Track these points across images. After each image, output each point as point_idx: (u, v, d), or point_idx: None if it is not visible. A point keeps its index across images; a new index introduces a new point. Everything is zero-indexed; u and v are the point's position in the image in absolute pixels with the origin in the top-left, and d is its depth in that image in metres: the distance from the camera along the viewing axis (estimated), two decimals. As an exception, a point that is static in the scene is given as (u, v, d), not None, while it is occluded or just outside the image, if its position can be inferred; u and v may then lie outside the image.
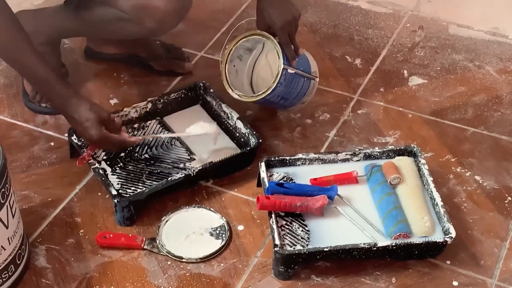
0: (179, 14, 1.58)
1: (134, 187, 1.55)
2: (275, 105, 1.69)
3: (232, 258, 1.44)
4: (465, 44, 2.04)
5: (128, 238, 1.46)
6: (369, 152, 1.59)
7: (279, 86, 1.59)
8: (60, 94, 1.47)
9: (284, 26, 1.58)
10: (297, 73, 1.62)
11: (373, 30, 2.09)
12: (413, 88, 1.88)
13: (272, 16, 1.58)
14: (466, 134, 1.75)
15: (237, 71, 1.70)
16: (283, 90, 1.61)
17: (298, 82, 1.64)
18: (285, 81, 1.60)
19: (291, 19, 1.59)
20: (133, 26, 1.58)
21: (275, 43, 1.59)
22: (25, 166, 1.63)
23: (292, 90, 1.64)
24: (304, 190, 1.49)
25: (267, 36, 1.60)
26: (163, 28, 1.59)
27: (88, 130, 1.47)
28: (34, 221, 1.50)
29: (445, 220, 1.42)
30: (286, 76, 1.59)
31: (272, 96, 1.61)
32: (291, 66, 1.60)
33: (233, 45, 1.65)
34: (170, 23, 1.58)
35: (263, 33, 1.61)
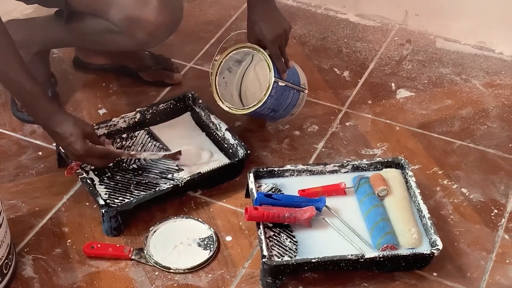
0: (170, 27, 1.58)
1: (121, 197, 1.55)
2: (265, 117, 1.70)
3: (220, 269, 1.44)
4: (452, 57, 2.06)
5: (116, 248, 1.45)
6: (357, 164, 1.60)
7: (270, 99, 1.60)
8: (45, 109, 1.46)
9: (275, 40, 1.59)
10: (287, 85, 1.63)
11: (361, 43, 2.10)
12: (400, 101, 1.90)
13: (263, 29, 1.59)
14: (453, 147, 1.76)
15: (227, 83, 1.71)
16: (273, 102, 1.62)
17: (288, 95, 1.65)
18: (275, 93, 1.60)
19: (282, 33, 1.60)
20: (124, 39, 1.58)
21: (266, 56, 1.60)
22: (12, 176, 1.63)
23: (282, 102, 1.64)
24: (292, 201, 1.49)
25: (258, 49, 1.61)
26: (153, 41, 1.60)
27: (73, 144, 1.46)
28: (21, 231, 1.50)
29: (432, 232, 1.43)
30: (277, 89, 1.60)
31: (263, 108, 1.62)
32: (281, 79, 1.61)
33: (223, 57, 1.65)
34: (161, 36, 1.58)
35: (253, 46, 1.62)
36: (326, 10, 2.24)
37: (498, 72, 2.01)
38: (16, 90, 1.48)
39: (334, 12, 2.23)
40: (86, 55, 1.91)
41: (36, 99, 1.45)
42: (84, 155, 1.48)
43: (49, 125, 1.47)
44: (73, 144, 1.46)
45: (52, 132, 1.48)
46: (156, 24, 1.53)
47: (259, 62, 1.66)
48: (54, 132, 1.48)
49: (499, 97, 1.92)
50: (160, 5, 1.51)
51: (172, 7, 1.56)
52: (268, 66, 1.59)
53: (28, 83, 1.44)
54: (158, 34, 1.57)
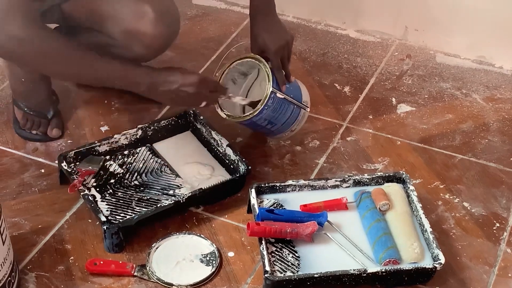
0: (167, 39, 1.59)
1: (123, 214, 1.55)
2: (263, 130, 1.70)
3: (223, 284, 1.44)
4: (452, 72, 2.07)
5: (118, 265, 1.45)
6: (358, 179, 1.60)
7: (266, 109, 1.60)
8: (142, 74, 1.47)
9: (278, 51, 1.60)
10: (286, 99, 1.63)
11: (361, 59, 2.11)
12: (401, 116, 1.90)
13: (266, 40, 1.60)
14: (454, 161, 1.76)
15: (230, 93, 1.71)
16: (270, 114, 1.62)
17: (287, 109, 1.65)
18: (273, 104, 1.60)
19: (284, 44, 1.61)
20: (121, 51, 1.59)
21: (267, 66, 1.61)
22: (15, 193, 1.63)
23: (280, 115, 1.64)
24: (294, 217, 1.49)
25: (259, 59, 1.62)
26: (151, 54, 1.60)
27: (188, 79, 1.48)
28: (24, 248, 1.50)
29: (434, 246, 1.43)
30: (274, 100, 1.60)
31: (259, 118, 1.62)
32: (280, 91, 1.61)
33: (227, 67, 1.66)
34: (158, 48, 1.59)
35: (256, 57, 1.63)
36: (326, 26, 2.25)
37: (498, 86, 2.02)
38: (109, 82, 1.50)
39: (334, 28, 2.24)
40: (88, 72, 1.92)
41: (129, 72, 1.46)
42: (200, 84, 1.49)
43: (156, 81, 1.48)
44: (188, 78, 1.48)
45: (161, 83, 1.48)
46: (153, 36, 1.54)
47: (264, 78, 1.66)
48: (164, 82, 1.48)
49: (500, 111, 1.93)
50: (157, 17, 1.52)
51: (169, 19, 1.57)
52: (268, 77, 1.60)
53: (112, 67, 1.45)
54: (155, 46, 1.57)
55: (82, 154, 1.66)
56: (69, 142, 1.78)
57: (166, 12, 1.55)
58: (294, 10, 2.28)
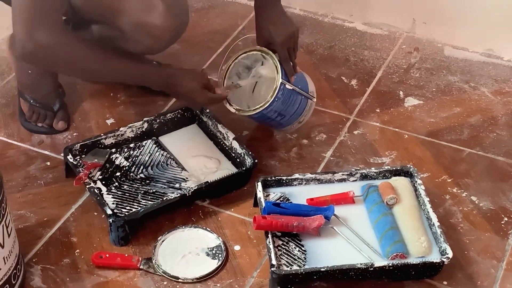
0: (176, 32, 1.58)
1: (129, 207, 1.54)
2: (272, 123, 1.69)
3: (229, 278, 1.44)
4: (460, 65, 2.06)
5: (124, 258, 1.45)
6: (365, 173, 1.59)
7: (277, 100, 1.59)
8: (157, 80, 1.59)
9: (284, 42, 1.59)
10: (294, 89, 1.62)
11: (369, 52, 2.10)
12: (409, 109, 1.89)
13: (272, 32, 1.60)
14: (462, 155, 1.75)
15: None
16: (280, 106, 1.61)
17: (296, 100, 1.64)
18: (282, 96, 1.60)
19: (291, 35, 1.61)
20: (130, 44, 1.58)
21: (274, 58, 1.60)
22: (21, 186, 1.63)
23: (289, 107, 1.64)
24: (301, 210, 1.48)
25: (266, 51, 1.61)
26: (160, 46, 1.60)
27: (196, 99, 1.60)
28: (30, 241, 1.50)
29: (442, 240, 1.42)
30: (284, 91, 1.60)
31: (269, 111, 1.61)
32: (289, 82, 1.61)
33: (233, 60, 1.65)
34: (168, 41, 1.59)
35: (262, 49, 1.62)
36: (333, 18, 2.24)
37: (507, 79, 2.00)
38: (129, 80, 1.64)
39: (341, 21, 2.23)
40: (95, 64, 1.92)
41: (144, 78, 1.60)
42: (207, 104, 1.68)
43: (168, 89, 1.61)
44: (197, 98, 1.59)
45: (174, 92, 1.63)
46: (163, 28, 1.53)
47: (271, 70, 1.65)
48: (176, 92, 1.61)
49: (508, 104, 1.91)
50: (166, 10, 1.51)
51: (178, 11, 1.56)
52: (276, 68, 1.59)
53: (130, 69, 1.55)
54: (164, 39, 1.57)
55: (88, 147, 1.66)
56: (75, 134, 1.78)
57: (175, 4, 1.54)
58: (300, 2, 2.27)
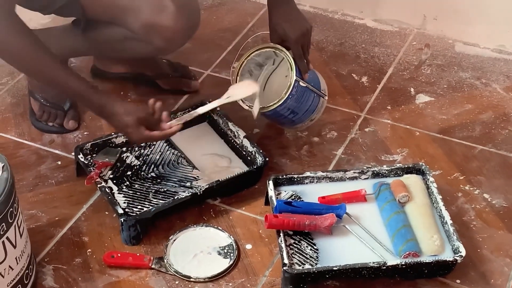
0: (187, 33, 1.58)
1: (140, 206, 1.54)
2: (284, 120, 1.68)
3: (241, 277, 1.44)
4: (471, 62, 2.04)
5: (136, 258, 1.45)
6: (377, 170, 1.58)
7: (290, 98, 1.59)
8: (95, 106, 1.50)
9: (298, 39, 1.59)
10: (308, 87, 1.62)
11: (379, 48, 2.09)
12: (420, 106, 1.88)
13: (285, 29, 1.59)
14: (474, 152, 1.74)
15: None
16: (293, 103, 1.61)
17: (309, 97, 1.64)
18: (296, 93, 1.59)
19: (304, 32, 1.60)
20: (142, 45, 1.58)
21: (288, 55, 1.60)
22: (32, 185, 1.63)
23: (302, 104, 1.63)
24: (313, 209, 1.48)
25: (280, 49, 1.61)
26: (171, 47, 1.60)
27: (131, 136, 1.50)
28: (41, 241, 1.50)
29: (455, 238, 1.41)
30: (298, 89, 1.59)
31: (283, 108, 1.60)
32: (303, 79, 1.60)
33: (245, 57, 1.65)
34: (179, 42, 1.58)
35: (276, 46, 1.62)
36: (343, 15, 2.23)
37: (519, 75, 1.99)
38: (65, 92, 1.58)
39: (352, 18, 2.22)
40: (104, 64, 1.92)
41: (83, 98, 1.49)
42: (144, 142, 1.60)
43: (104, 118, 1.54)
44: (131, 135, 1.50)
45: (110, 124, 1.55)
46: (174, 29, 1.53)
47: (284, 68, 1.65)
48: (111, 124, 1.54)
49: (520, 101, 1.90)
50: (177, 11, 1.51)
51: (189, 12, 1.56)
52: (290, 66, 1.59)
53: (73, 85, 1.47)
54: (175, 40, 1.56)
55: (99, 146, 1.66)
56: (86, 134, 1.78)
57: (186, 5, 1.54)
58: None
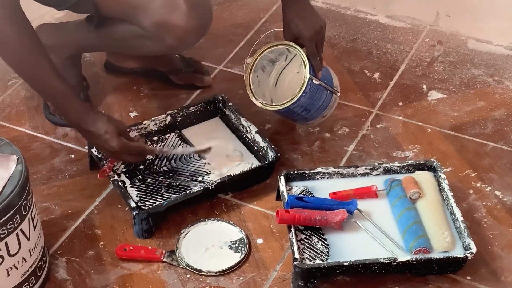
0: (199, 32, 1.58)
1: (152, 200, 1.55)
2: (296, 117, 1.69)
3: (251, 271, 1.44)
4: (484, 59, 2.04)
5: (148, 251, 1.46)
6: (388, 167, 1.58)
7: (304, 96, 1.59)
8: (77, 110, 1.48)
9: (312, 37, 1.59)
10: (321, 84, 1.62)
11: (392, 45, 2.09)
12: (432, 103, 1.88)
13: (300, 26, 1.59)
14: (486, 149, 1.74)
15: (260, 81, 1.70)
16: (307, 101, 1.61)
17: (321, 94, 1.64)
18: (310, 91, 1.60)
19: (319, 29, 1.60)
20: (153, 43, 1.59)
21: (302, 53, 1.60)
22: (45, 178, 1.64)
23: (315, 101, 1.64)
24: (324, 204, 1.48)
25: (294, 46, 1.61)
26: (183, 46, 1.60)
27: (108, 141, 1.48)
28: (55, 233, 1.51)
29: (466, 235, 1.41)
30: (311, 87, 1.60)
31: (296, 106, 1.61)
32: (316, 77, 1.60)
33: (259, 54, 1.65)
34: (190, 41, 1.59)
35: (289, 43, 1.62)
36: (356, 11, 2.23)
37: (532, 73, 1.99)
38: (47, 92, 1.50)
39: (364, 14, 2.22)
40: (117, 59, 1.93)
41: (67, 100, 1.47)
42: (120, 151, 1.49)
43: (82, 124, 1.49)
44: (109, 141, 1.47)
45: (86, 131, 1.50)
46: (186, 28, 1.53)
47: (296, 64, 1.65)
48: (88, 131, 1.49)
49: (533, 98, 1.90)
50: (190, 10, 1.51)
51: (201, 11, 1.56)
52: (304, 63, 1.59)
53: (59, 85, 1.45)
54: (187, 39, 1.57)
55: (112, 140, 1.67)
56: (99, 127, 1.79)
57: (198, 5, 1.54)
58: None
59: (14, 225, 1.25)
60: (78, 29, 1.74)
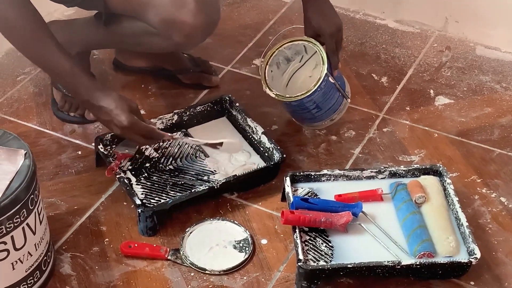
0: (207, 29, 1.58)
1: (158, 198, 1.56)
2: (307, 114, 1.68)
3: (255, 271, 1.45)
4: (492, 65, 2.04)
5: (152, 248, 1.46)
6: (394, 170, 1.59)
7: (319, 91, 1.60)
8: (87, 86, 1.47)
9: (333, 34, 1.61)
10: (335, 84, 1.63)
11: (400, 49, 2.09)
12: (439, 108, 1.88)
13: (321, 23, 1.61)
14: (492, 155, 1.74)
15: (273, 77, 1.71)
16: (320, 97, 1.62)
17: (334, 95, 1.65)
18: (324, 87, 1.61)
19: (339, 27, 1.63)
20: (161, 40, 1.59)
21: (321, 49, 1.61)
22: (52, 174, 1.65)
23: (327, 100, 1.64)
24: (329, 206, 1.48)
25: (314, 42, 1.62)
26: (190, 43, 1.60)
27: (118, 117, 1.45)
28: (60, 229, 1.52)
29: (470, 240, 1.41)
30: (327, 83, 1.61)
31: (309, 100, 1.61)
32: (332, 75, 1.61)
33: (277, 48, 1.67)
34: (198, 38, 1.59)
35: (309, 39, 1.63)
36: (365, 15, 2.23)
37: (539, 80, 1.99)
38: (56, 72, 1.49)
39: (373, 18, 2.22)
40: (126, 57, 1.93)
41: (75, 77, 1.46)
42: (129, 128, 1.46)
43: (92, 101, 1.47)
44: (119, 116, 1.45)
45: (96, 107, 1.48)
46: (193, 26, 1.53)
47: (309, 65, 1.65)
48: (98, 107, 1.47)
49: (540, 106, 1.90)
50: (197, 7, 1.52)
51: (209, 9, 1.57)
52: (322, 59, 1.60)
53: (67, 63, 1.45)
54: (195, 36, 1.57)
55: (119, 137, 1.67)
56: (106, 125, 1.79)
57: (207, 2, 1.55)
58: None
59: (20, 219, 1.26)
60: (87, 26, 1.75)
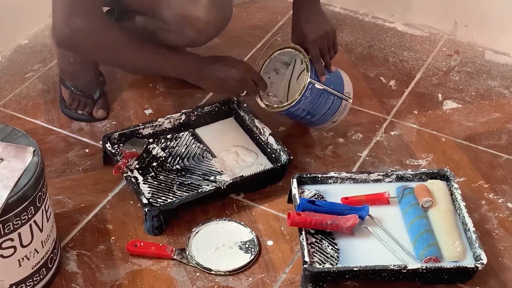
0: (219, 25, 1.58)
1: (164, 197, 1.56)
2: (302, 120, 1.68)
3: (261, 272, 1.45)
4: (501, 70, 2.03)
5: (158, 248, 1.46)
6: (401, 174, 1.58)
7: (304, 99, 1.59)
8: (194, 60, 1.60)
9: (316, 41, 1.60)
10: (325, 89, 1.62)
11: (408, 53, 2.09)
12: (447, 112, 1.88)
13: (304, 29, 1.61)
14: (500, 160, 1.73)
15: (272, 83, 1.71)
16: (308, 104, 1.61)
17: (327, 99, 1.63)
18: (311, 95, 1.59)
19: (323, 34, 1.61)
20: (173, 36, 1.59)
21: (306, 56, 1.60)
22: (59, 171, 1.65)
23: (319, 106, 1.63)
24: (335, 209, 1.48)
25: (298, 49, 1.61)
26: (203, 39, 1.60)
27: (236, 65, 1.59)
28: (67, 226, 1.52)
29: (477, 246, 1.41)
30: (313, 91, 1.59)
31: (297, 109, 1.61)
32: (319, 81, 1.60)
33: (268, 56, 1.66)
34: (210, 34, 1.59)
35: (295, 46, 1.62)
36: (374, 18, 2.23)
37: (548, 86, 1.98)
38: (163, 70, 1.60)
39: (382, 21, 2.22)
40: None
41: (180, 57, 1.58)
42: (247, 71, 1.60)
43: (206, 66, 1.59)
44: (237, 64, 1.59)
45: (213, 69, 1.59)
46: (206, 21, 1.53)
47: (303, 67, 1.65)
48: (215, 67, 1.58)
49: (548, 112, 1.89)
50: (210, 3, 1.51)
51: (222, 4, 1.56)
52: (306, 67, 1.59)
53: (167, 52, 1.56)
54: (207, 32, 1.57)
55: (126, 136, 1.68)
56: (114, 123, 1.80)
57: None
58: (341, 1, 2.26)
59: (28, 216, 1.26)
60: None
